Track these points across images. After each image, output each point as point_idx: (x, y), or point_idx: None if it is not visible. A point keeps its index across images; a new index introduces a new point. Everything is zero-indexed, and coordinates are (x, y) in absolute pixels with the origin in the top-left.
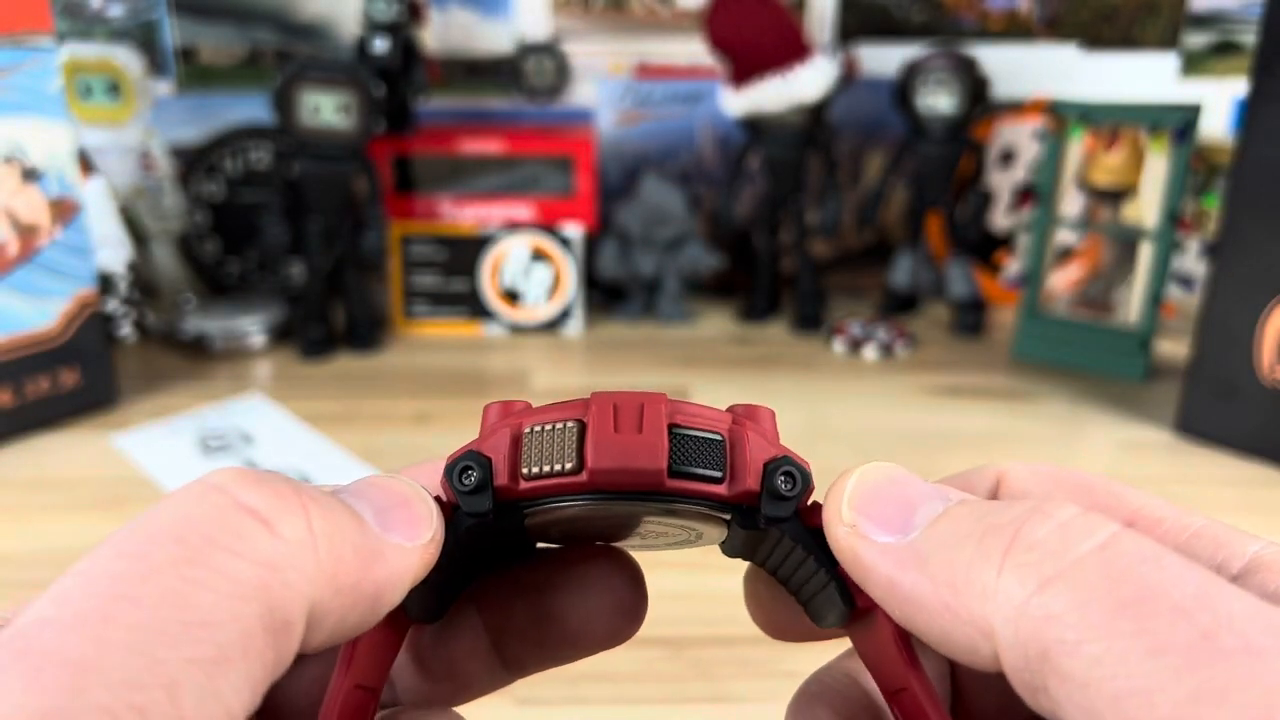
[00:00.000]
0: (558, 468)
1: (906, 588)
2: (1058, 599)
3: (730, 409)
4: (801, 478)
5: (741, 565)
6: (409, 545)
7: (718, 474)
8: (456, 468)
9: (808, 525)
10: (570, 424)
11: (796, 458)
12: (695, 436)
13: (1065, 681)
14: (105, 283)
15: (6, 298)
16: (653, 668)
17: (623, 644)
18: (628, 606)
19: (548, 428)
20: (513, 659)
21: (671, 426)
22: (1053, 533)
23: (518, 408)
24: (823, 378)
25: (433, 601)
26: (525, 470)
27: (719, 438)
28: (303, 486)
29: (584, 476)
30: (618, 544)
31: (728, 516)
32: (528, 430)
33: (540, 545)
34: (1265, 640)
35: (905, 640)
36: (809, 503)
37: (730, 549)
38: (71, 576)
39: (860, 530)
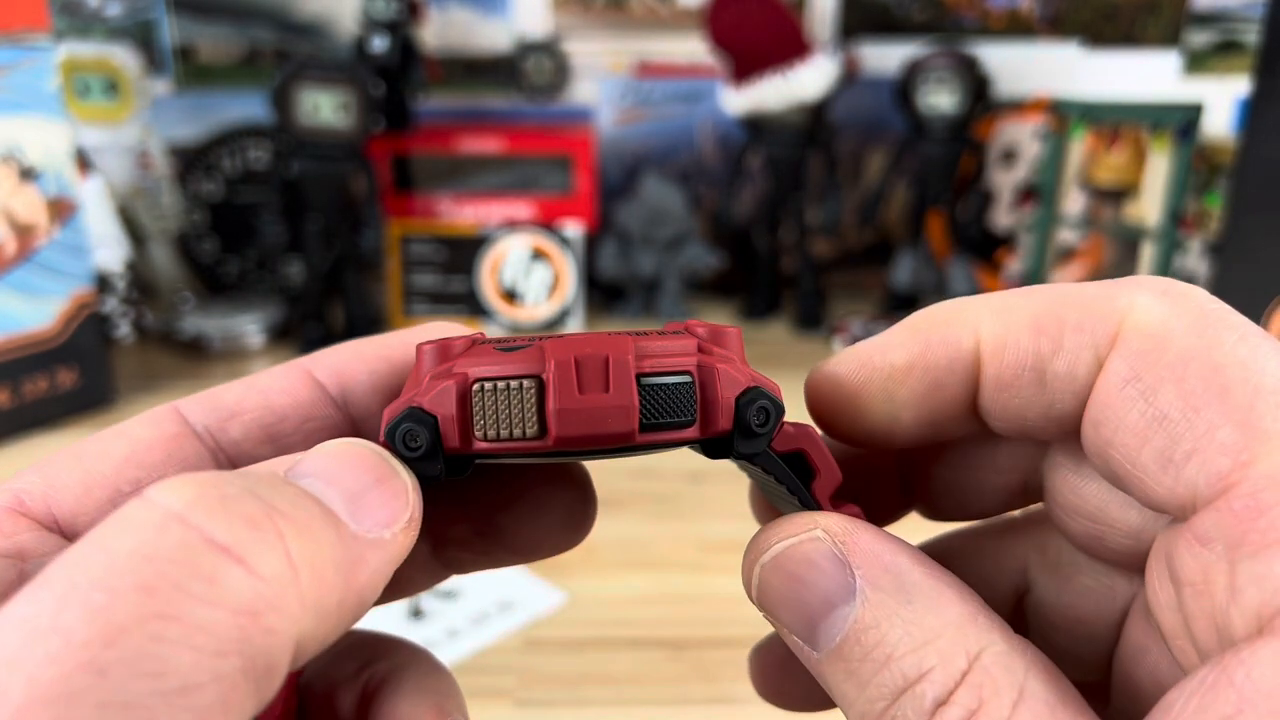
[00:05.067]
0: (517, 432)
1: (829, 692)
2: None
3: (689, 328)
4: (775, 410)
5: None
6: (387, 536)
7: (689, 419)
8: (398, 430)
9: (779, 452)
10: (527, 383)
11: (768, 384)
12: (665, 385)
13: None
14: (103, 282)
15: (4, 297)
16: (654, 669)
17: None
18: (577, 519)
19: (500, 385)
20: (452, 562)
21: (639, 376)
22: (929, 697)
23: (456, 348)
24: None
25: None
26: (479, 433)
27: (689, 380)
28: (272, 502)
29: (549, 442)
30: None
31: (698, 447)
32: (477, 387)
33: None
34: None
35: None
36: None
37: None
38: (22, 631)
39: (774, 624)
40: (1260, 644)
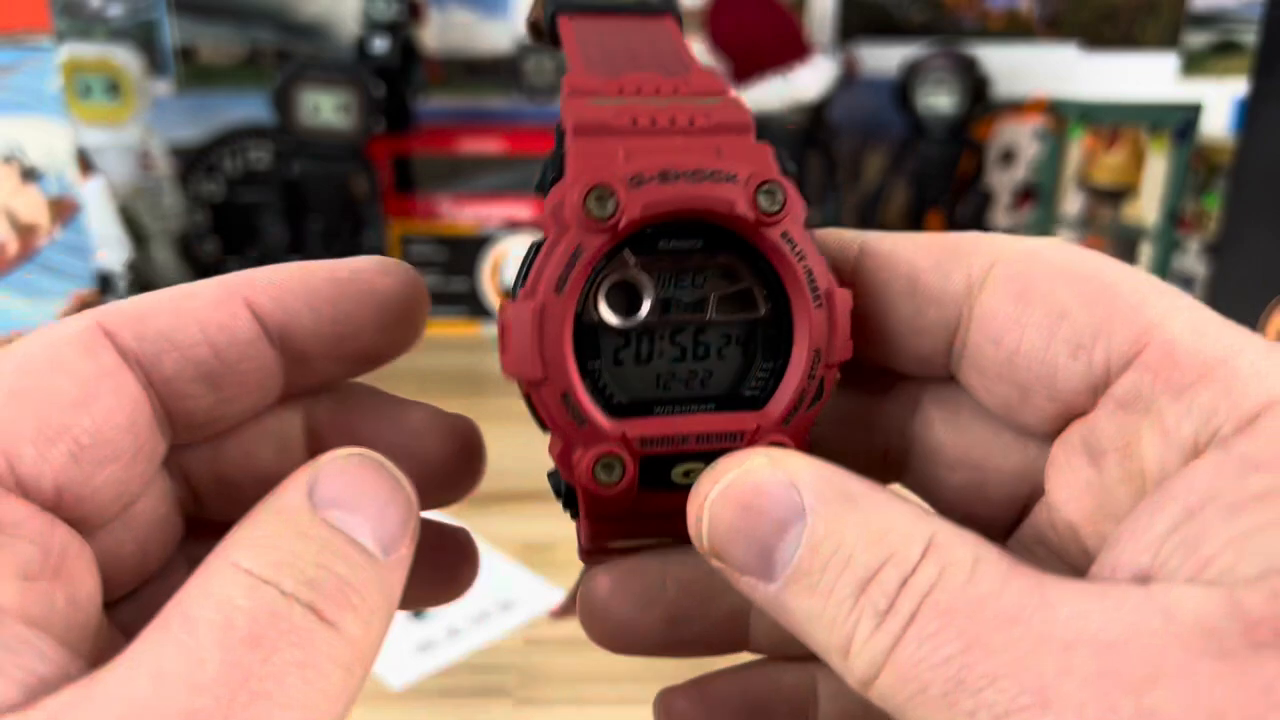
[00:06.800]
0: None
1: (791, 625)
2: (912, 651)
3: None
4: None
5: None
6: (405, 553)
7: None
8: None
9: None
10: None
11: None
12: None
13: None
14: (104, 282)
15: (5, 298)
16: (653, 668)
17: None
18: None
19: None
20: None
21: None
22: (894, 579)
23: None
24: None
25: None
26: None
27: None
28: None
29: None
30: None
31: None
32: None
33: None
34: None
35: None
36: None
37: None
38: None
39: (726, 570)
40: (1200, 459)
